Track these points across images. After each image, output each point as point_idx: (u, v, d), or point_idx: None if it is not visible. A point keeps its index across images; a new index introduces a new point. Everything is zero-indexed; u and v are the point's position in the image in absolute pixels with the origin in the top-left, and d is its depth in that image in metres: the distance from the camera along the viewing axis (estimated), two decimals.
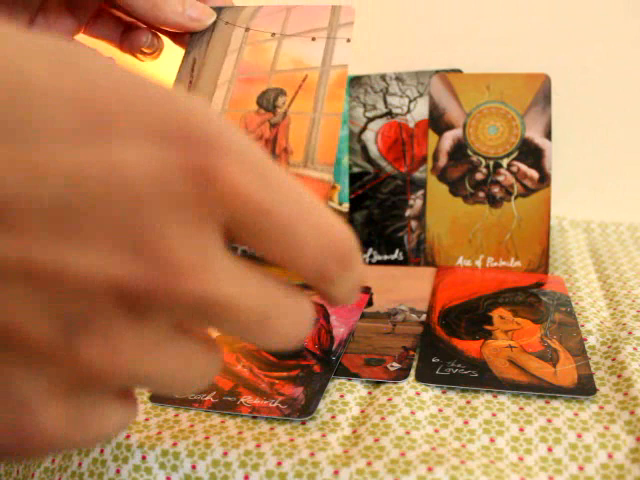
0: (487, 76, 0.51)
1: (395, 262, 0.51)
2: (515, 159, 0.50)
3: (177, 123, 0.15)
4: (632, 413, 0.30)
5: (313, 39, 0.32)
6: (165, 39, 0.36)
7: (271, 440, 0.29)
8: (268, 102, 0.30)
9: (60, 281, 0.14)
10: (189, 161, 0.15)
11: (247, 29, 0.34)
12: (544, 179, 0.49)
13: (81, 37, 0.37)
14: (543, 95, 0.50)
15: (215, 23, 0.35)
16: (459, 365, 0.35)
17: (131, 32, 0.36)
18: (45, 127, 0.13)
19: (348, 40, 0.32)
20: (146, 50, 0.36)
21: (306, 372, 0.35)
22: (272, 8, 0.34)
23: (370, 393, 0.34)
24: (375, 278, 0.47)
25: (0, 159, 0.13)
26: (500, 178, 0.50)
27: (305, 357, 0.37)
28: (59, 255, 0.14)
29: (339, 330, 0.40)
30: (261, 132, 0.29)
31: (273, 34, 0.33)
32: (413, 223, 0.51)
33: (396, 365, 0.36)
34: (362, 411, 0.32)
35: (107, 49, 0.37)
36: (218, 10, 0.35)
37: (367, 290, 0.45)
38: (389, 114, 0.53)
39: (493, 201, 0.50)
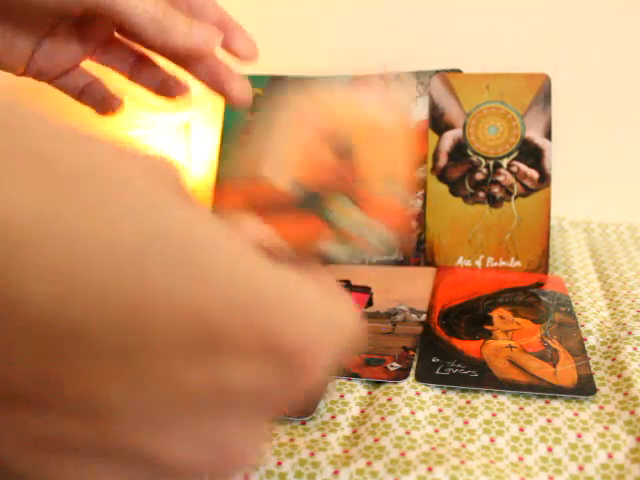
0: (487, 76, 0.51)
1: (395, 262, 0.51)
2: (515, 159, 0.50)
3: (275, 340, 0.16)
4: (632, 413, 0.30)
5: (382, 105, 0.34)
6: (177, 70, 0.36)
7: (271, 440, 0.29)
8: (340, 147, 0.31)
9: None
10: (284, 375, 0.17)
11: (318, 99, 0.36)
12: (544, 179, 0.49)
13: (89, 64, 0.37)
14: (543, 95, 0.50)
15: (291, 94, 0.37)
16: (459, 365, 0.35)
17: (143, 67, 0.36)
18: (159, 343, 0.14)
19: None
20: (160, 93, 0.36)
21: None
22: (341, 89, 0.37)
23: (370, 393, 0.34)
24: (375, 278, 0.47)
25: (109, 370, 0.14)
26: (500, 178, 0.50)
27: None
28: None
29: None
30: (333, 169, 0.30)
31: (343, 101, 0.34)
32: (413, 223, 0.51)
33: (396, 365, 0.36)
34: (362, 411, 0.32)
35: (117, 78, 0.37)
36: (284, 81, 0.35)
37: (367, 290, 0.45)
38: None
39: (493, 201, 0.50)
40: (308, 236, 0.25)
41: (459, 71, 0.52)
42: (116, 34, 0.36)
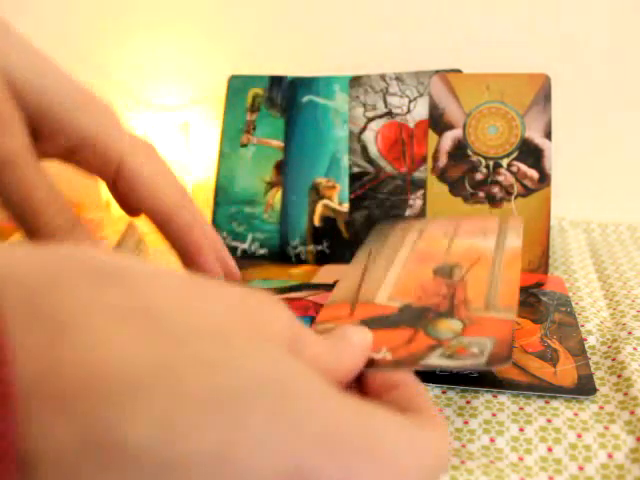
0: (487, 76, 0.51)
1: None
2: (515, 159, 0.50)
3: None
4: (632, 413, 0.30)
5: (484, 234, 0.37)
6: None
7: None
8: (445, 272, 0.33)
9: None
10: None
11: (421, 231, 0.39)
12: (544, 179, 0.49)
13: None
14: (543, 95, 0.50)
15: (391, 230, 0.40)
16: None
17: None
18: None
19: (518, 236, 0.36)
20: None
21: None
22: (443, 221, 0.40)
23: None
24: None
25: None
26: (500, 178, 0.50)
27: None
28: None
29: None
30: (438, 290, 0.31)
31: (445, 233, 0.38)
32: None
33: None
34: None
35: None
36: (393, 222, 0.41)
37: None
38: (389, 114, 0.53)
39: (493, 201, 0.50)
40: (414, 349, 0.26)
41: (459, 71, 0.52)
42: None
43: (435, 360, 0.25)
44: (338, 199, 0.53)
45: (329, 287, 0.46)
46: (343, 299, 0.33)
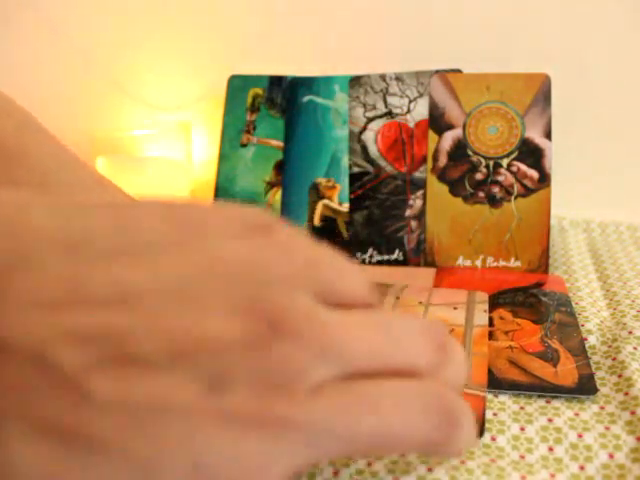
0: (487, 76, 0.51)
1: (395, 262, 0.51)
2: (515, 159, 0.50)
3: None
4: (633, 413, 0.30)
5: (455, 308, 0.41)
6: None
7: None
8: None
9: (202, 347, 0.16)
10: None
11: (397, 297, 0.43)
12: (544, 179, 0.49)
13: None
14: (543, 95, 0.50)
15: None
16: None
17: None
18: None
19: (485, 311, 0.41)
20: None
21: None
22: (418, 287, 0.45)
23: None
24: (375, 278, 0.47)
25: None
26: (500, 178, 0.50)
27: None
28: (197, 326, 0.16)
29: None
30: None
31: (420, 302, 0.42)
32: (413, 223, 0.51)
33: None
34: None
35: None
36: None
37: None
38: (389, 114, 0.53)
39: (493, 201, 0.50)
40: None
41: (459, 71, 0.52)
42: None
43: None
44: (338, 199, 0.53)
45: None
46: None
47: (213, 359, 0.15)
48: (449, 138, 0.51)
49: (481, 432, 0.29)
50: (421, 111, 0.52)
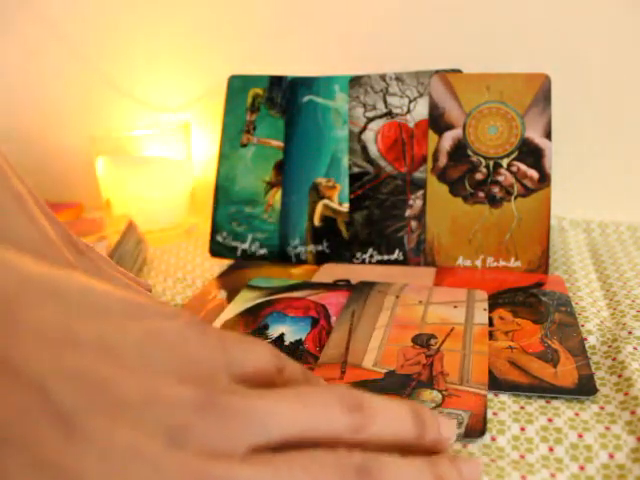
0: (487, 76, 0.51)
1: (395, 262, 0.51)
2: (515, 159, 0.50)
3: None
4: (633, 413, 0.30)
5: (455, 306, 0.42)
6: None
7: None
8: (422, 341, 0.38)
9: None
10: None
11: (397, 296, 0.44)
12: (544, 179, 0.49)
13: None
14: (543, 95, 0.50)
15: (370, 290, 0.45)
16: None
17: None
18: None
19: (484, 309, 0.41)
20: None
21: None
22: (418, 286, 0.45)
23: None
24: (375, 278, 0.47)
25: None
26: (500, 178, 0.50)
27: (306, 360, 0.37)
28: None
29: None
30: (418, 359, 0.36)
31: (420, 301, 0.43)
32: (413, 223, 0.51)
33: None
34: None
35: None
36: (370, 283, 0.46)
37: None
38: (389, 114, 0.53)
39: (493, 201, 0.50)
40: None
41: (459, 71, 0.52)
42: None
43: None
44: (338, 199, 0.53)
45: (329, 286, 0.46)
46: (333, 359, 0.36)
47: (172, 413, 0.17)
48: (449, 138, 0.51)
49: (482, 432, 0.29)
50: (421, 111, 0.52)
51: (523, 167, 0.50)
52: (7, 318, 0.16)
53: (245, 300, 0.44)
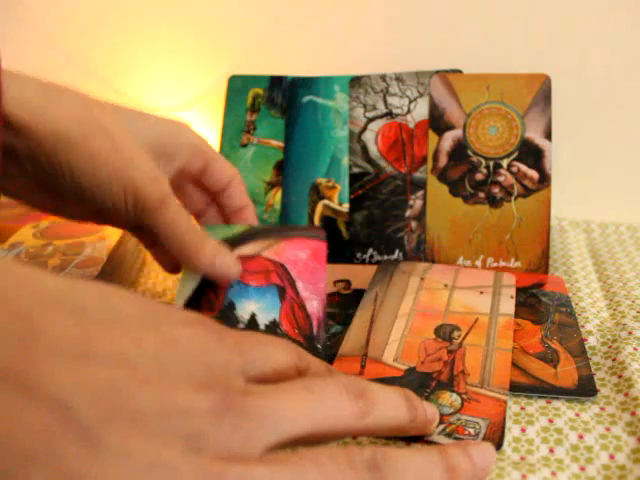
0: (487, 76, 0.51)
1: (395, 262, 0.51)
2: (515, 159, 0.50)
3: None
4: (633, 414, 0.30)
5: (481, 292, 0.41)
6: None
7: None
8: (445, 334, 0.37)
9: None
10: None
11: (422, 278, 0.43)
12: (544, 179, 0.49)
13: None
14: (543, 95, 0.50)
15: (394, 270, 0.44)
16: None
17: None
18: None
19: (512, 297, 0.40)
20: None
21: None
22: (443, 266, 0.44)
23: None
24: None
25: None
26: (500, 178, 0.50)
27: None
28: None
29: (312, 304, 0.36)
30: (439, 355, 0.35)
31: (445, 285, 0.42)
32: (413, 223, 0.51)
33: None
34: None
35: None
36: (395, 262, 0.45)
37: (321, 235, 0.39)
38: (389, 114, 0.53)
39: (493, 201, 0.50)
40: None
41: (459, 71, 0.52)
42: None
43: (436, 437, 0.29)
44: (338, 199, 0.53)
45: (277, 232, 0.40)
46: (354, 351, 0.36)
47: (189, 421, 0.18)
48: (449, 138, 0.51)
49: (500, 443, 0.28)
50: (421, 111, 0.52)
51: (523, 167, 0.50)
52: (26, 335, 0.17)
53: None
